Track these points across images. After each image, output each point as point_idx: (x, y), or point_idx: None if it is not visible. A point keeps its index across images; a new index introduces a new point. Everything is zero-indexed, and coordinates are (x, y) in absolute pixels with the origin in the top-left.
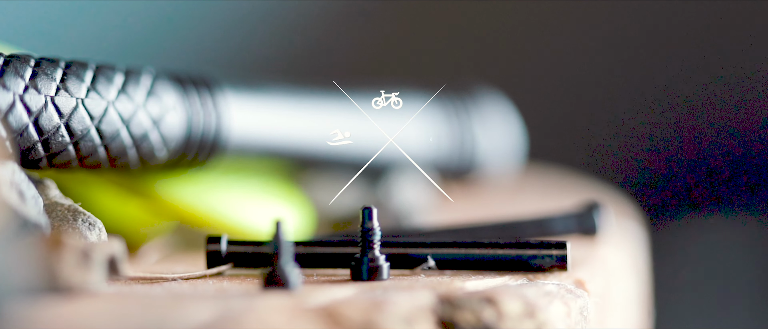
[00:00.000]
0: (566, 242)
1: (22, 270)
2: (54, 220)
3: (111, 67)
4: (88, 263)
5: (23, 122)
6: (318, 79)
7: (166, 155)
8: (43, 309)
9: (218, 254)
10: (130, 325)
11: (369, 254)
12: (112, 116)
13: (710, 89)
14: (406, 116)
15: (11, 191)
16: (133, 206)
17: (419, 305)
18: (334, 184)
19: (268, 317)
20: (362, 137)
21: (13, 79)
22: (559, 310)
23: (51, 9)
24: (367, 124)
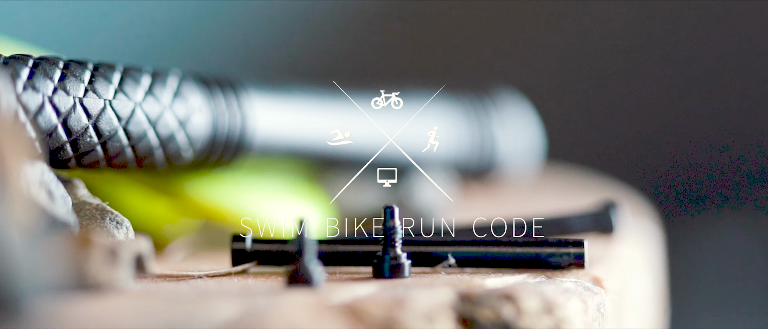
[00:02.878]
0: (584, 241)
1: (51, 268)
2: (82, 219)
3: (138, 69)
4: (116, 261)
5: (52, 122)
6: (340, 80)
7: (192, 156)
8: (71, 306)
9: (243, 252)
10: (157, 322)
11: (391, 252)
12: (140, 117)
13: (726, 88)
14: (424, 116)
15: (40, 191)
16: (160, 205)
17: (440, 302)
18: (355, 183)
19: (292, 314)
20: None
21: (43, 81)
22: (576, 307)
23: (79, 12)
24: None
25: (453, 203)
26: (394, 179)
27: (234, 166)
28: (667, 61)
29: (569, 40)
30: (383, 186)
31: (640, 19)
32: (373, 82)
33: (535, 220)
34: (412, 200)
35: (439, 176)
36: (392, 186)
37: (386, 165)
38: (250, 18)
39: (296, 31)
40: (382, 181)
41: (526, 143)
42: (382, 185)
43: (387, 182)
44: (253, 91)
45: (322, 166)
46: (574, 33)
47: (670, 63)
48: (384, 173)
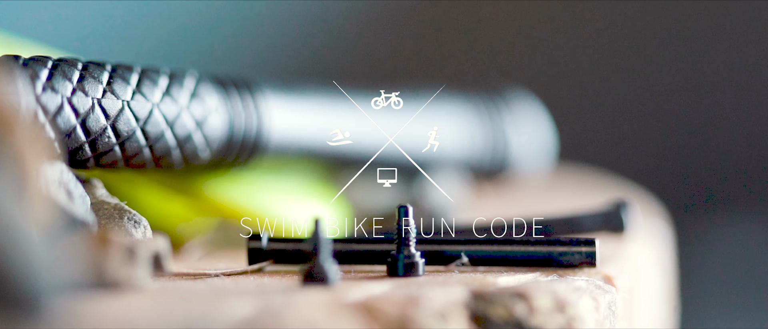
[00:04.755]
0: (595, 240)
1: (70, 266)
2: (101, 218)
3: (155, 70)
4: (134, 259)
5: (71, 123)
6: (353, 80)
7: (209, 156)
8: (90, 304)
9: (259, 251)
10: (174, 319)
11: (405, 251)
12: (157, 117)
13: (739, 88)
14: (438, 117)
15: (60, 190)
16: (177, 204)
17: (453, 300)
18: (370, 183)
19: (307, 312)
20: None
21: (61, 82)
22: (588, 305)
23: (97, 14)
24: (402, 124)
25: (460, 203)
26: (393, 179)
27: (250, 166)
28: (679, 61)
29: (581, 40)
30: (384, 186)
31: (653, 19)
32: (385, 82)
33: (547, 219)
34: (425, 200)
35: (452, 175)
36: (403, 186)
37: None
38: (265, 20)
39: (311, 32)
40: (382, 181)
41: (539, 143)
42: (383, 185)
43: (387, 182)
44: (268, 92)
45: (337, 166)
46: (586, 33)
47: (683, 63)
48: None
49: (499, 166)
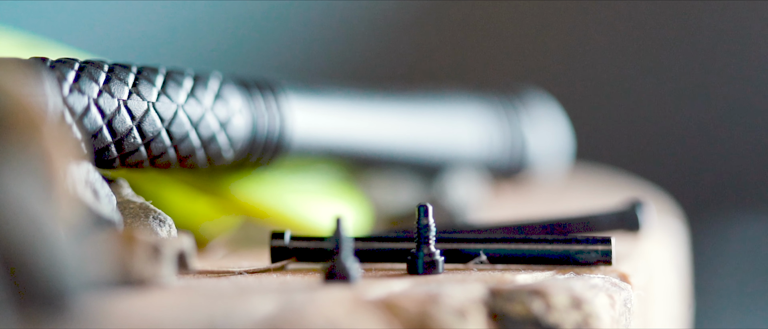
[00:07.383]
0: (611, 238)
1: (96, 265)
2: (126, 217)
3: (180, 72)
4: (159, 258)
5: (98, 124)
6: (376, 81)
7: (233, 156)
8: (116, 302)
9: (282, 249)
10: (198, 316)
11: (424, 249)
12: (182, 118)
13: (753, 87)
14: (457, 118)
15: (86, 190)
16: (202, 204)
17: (472, 297)
18: (391, 183)
19: (329, 309)
20: (418, 137)
21: (88, 84)
22: (604, 302)
23: (123, 17)
24: (422, 125)
25: (478, 202)
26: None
27: (273, 166)
28: (694, 61)
29: (597, 42)
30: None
31: (668, 20)
32: (406, 83)
33: (564, 218)
34: (444, 199)
35: (471, 175)
36: (425, 185)
37: (420, 165)
38: (288, 22)
39: (333, 33)
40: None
41: (556, 144)
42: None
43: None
44: (291, 93)
45: (359, 166)
46: (602, 35)
47: (697, 63)
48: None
49: (517, 166)
